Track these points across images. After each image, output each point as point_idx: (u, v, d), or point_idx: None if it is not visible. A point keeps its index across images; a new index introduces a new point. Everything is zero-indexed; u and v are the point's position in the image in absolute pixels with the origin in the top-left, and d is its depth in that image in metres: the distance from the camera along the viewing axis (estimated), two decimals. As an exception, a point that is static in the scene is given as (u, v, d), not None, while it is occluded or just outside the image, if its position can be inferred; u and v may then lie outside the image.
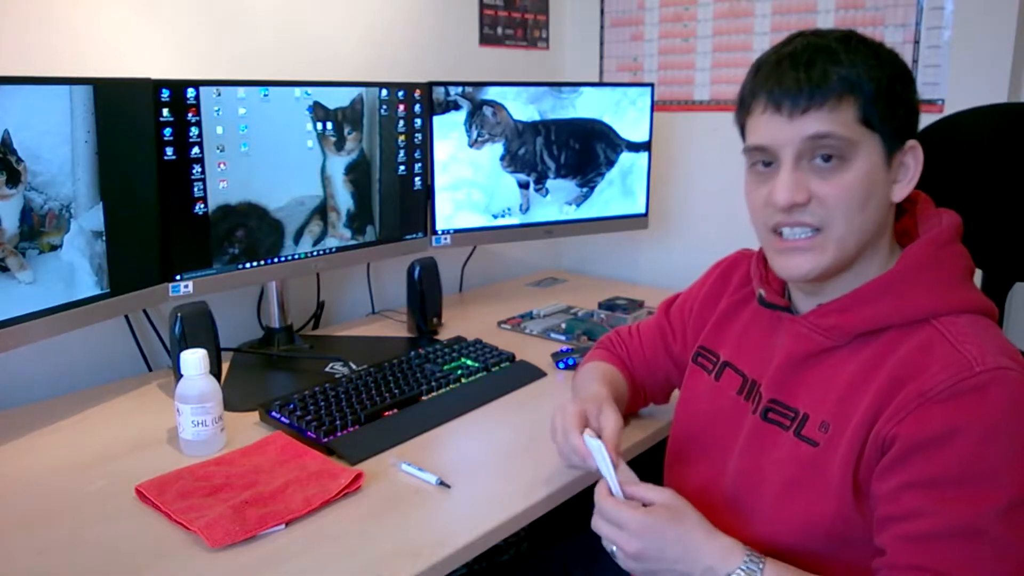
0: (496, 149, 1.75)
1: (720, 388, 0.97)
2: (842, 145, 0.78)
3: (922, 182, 0.84)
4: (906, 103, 0.81)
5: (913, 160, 0.83)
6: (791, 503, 0.83)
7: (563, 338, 1.59)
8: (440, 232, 1.73)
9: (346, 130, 1.51)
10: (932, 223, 0.86)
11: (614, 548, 0.83)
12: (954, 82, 1.62)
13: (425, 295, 1.60)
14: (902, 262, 0.83)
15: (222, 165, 1.35)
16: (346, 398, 1.20)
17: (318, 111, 1.46)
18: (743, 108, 0.85)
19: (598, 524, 0.85)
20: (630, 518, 0.82)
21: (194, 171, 1.32)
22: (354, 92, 1.52)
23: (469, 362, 1.39)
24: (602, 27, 2.18)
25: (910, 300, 0.80)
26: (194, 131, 1.31)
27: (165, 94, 1.27)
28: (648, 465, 1.12)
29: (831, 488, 0.80)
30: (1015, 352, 0.77)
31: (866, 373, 0.80)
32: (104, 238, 1.21)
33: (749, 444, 0.89)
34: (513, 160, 1.78)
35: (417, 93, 1.63)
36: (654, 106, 1.88)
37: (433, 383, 1.28)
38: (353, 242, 1.58)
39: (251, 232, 1.41)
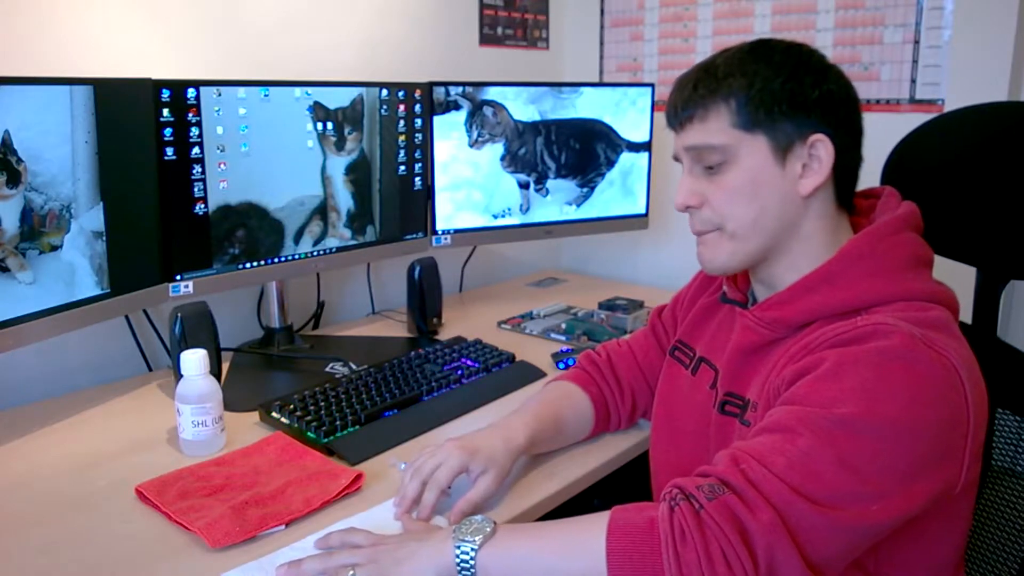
0: (496, 149, 1.75)
1: (696, 382, 0.99)
2: (715, 153, 0.84)
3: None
4: (792, 101, 0.81)
5: (825, 152, 0.82)
6: None
7: (563, 338, 1.59)
8: (440, 232, 1.73)
9: (346, 130, 1.51)
10: (887, 215, 0.86)
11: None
12: (954, 82, 1.62)
13: (425, 295, 1.60)
14: (838, 254, 0.83)
15: (222, 165, 1.35)
16: (346, 398, 1.20)
17: (318, 111, 1.46)
18: None
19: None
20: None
21: (194, 171, 1.32)
22: (354, 92, 1.52)
23: (469, 362, 1.39)
24: (602, 27, 2.18)
25: (840, 291, 0.81)
26: (194, 131, 1.31)
27: (165, 94, 1.27)
28: (643, 463, 1.12)
29: None
30: (942, 335, 0.75)
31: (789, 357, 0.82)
32: (104, 238, 1.21)
33: (716, 440, 0.91)
34: (513, 160, 1.78)
35: (417, 93, 1.63)
36: (654, 106, 1.88)
37: (433, 383, 1.28)
38: (353, 242, 1.58)
39: (251, 232, 1.41)
